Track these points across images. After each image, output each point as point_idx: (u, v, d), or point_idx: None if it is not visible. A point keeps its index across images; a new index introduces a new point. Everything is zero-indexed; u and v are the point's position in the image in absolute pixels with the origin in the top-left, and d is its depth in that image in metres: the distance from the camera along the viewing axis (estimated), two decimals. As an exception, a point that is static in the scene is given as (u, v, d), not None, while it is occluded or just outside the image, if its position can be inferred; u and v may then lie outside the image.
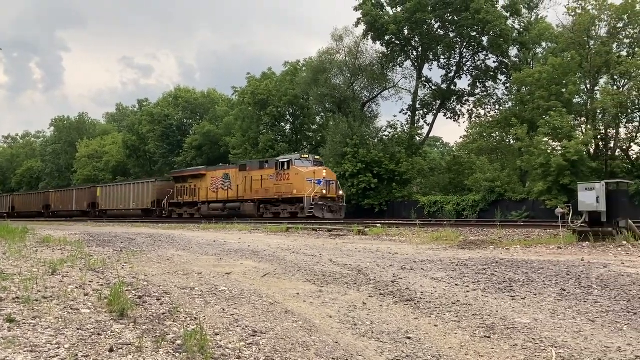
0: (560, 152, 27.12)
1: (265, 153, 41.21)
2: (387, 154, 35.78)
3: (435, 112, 41.77)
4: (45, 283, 5.78)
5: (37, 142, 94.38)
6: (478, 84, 39.96)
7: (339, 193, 28.57)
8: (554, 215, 12.47)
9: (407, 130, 40.04)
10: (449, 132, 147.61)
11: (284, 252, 10.17)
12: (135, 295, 5.32)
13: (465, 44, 39.02)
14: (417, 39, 39.41)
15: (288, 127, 48.00)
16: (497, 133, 37.38)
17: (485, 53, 38.56)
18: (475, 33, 37.14)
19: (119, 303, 4.59)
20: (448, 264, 7.91)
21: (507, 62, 37.70)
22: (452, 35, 38.47)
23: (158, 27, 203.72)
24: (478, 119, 40.18)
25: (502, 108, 38.37)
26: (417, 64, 40.74)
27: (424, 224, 17.69)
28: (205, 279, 6.69)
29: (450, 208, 31.41)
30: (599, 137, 30.27)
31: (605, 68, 29.75)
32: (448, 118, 41.81)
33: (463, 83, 53.44)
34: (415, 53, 40.64)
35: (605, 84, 30.38)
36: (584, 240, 10.18)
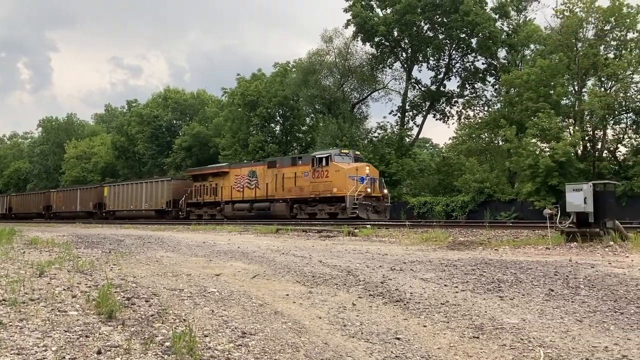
0: (549, 153, 27.34)
1: (255, 154, 41.16)
2: (376, 155, 35.88)
3: (425, 113, 42.02)
4: (33, 285, 5.73)
5: (24, 143, 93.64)
6: (467, 86, 40.25)
7: (384, 192, 26.13)
8: (543, 216, 12.55)
9: (396, 132, 40.18)
10: (439, 133, 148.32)
11: (274, 253, 10.15)
12: (124, 297, 5.30)
13: (455, 46, 39.26)
14: (406, 41, 39.60)
15: (278, 128, 47.99)
16: (486, 134, 37.61)
17: (474, 55, 38.85)
18: (464, 35, 37.38)
19: (107, 305, 4.56)
20: (437, 265, 7.93)
21: (495, 63, 37.99)
22: (441, 37, 38.67)
23: (148, 27, 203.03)
24: (467, 121, 40.47)
25: (490, 109, 38.67)
26: (406, 66, 40.93)
27: (414, 225, 17.73)
28: (195, 281, 6.66)
29: (440, 209, 31.55)
30: (587, 138, 30.54)
31: (593, 70, 30.05)
32: (437, 119, 42.18)
33: (452, 84, 53.60)
34: (405, 54, 40.83)
35: (593, 86, 30.68)
36: (572, 241, 10.24)
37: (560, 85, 29.90)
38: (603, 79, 30.50)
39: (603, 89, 30.08)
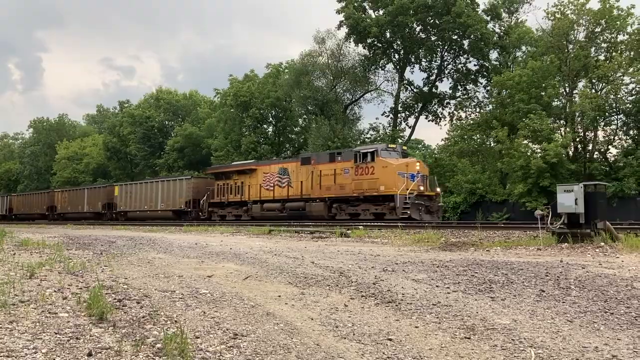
0: (540, 154, 27.48)
1: (248, 155, 41.07)
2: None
3: (417, 114, 42.15)
4: (23, 287, 5.70)
5: (15, 143, 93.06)
6: (459, 87, 40.38)
7: (437, 190, 24.19)
8: (534, 217, 12.61)
9: (389, 133, 40.23)
10: (431, 134, 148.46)
11: (266, 254, 10.15)
12: (115, 299, 5.28)
13: (447, 47, 39.39)
14: (399, 42, 39.69)
15: (270, 129, 47.94)
16: (477, 135, 37.70)
17: (466, 56, 38.98)
18: (457, 36, 37.52)
19: (98, 306, 4.54)
20: (429, 266, 7.95)
21: (487, 65, 38.16)
22: (433, 39, 38.78)
23: (141, 28, 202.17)
24: (459, 122, 40.53)
25: (482, 111, 38.78)
26: (399, 67, 41.01)
27: (406, 226, 17.77)
28: (186, 282, 6.64)
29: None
30: (578, 139, 30.72)
31: (584, 72, 30.24)
32: (430, 120, 42.29)
33: (444, 86, 54.00)
34: (397, 56, 40.92)
35: (584, 88, 30.84)
36: (563, 242, 10.30)
37: (552, 87, 30.09)
38: (594, 81, 30.70)
39: (594, 91, 30.27)
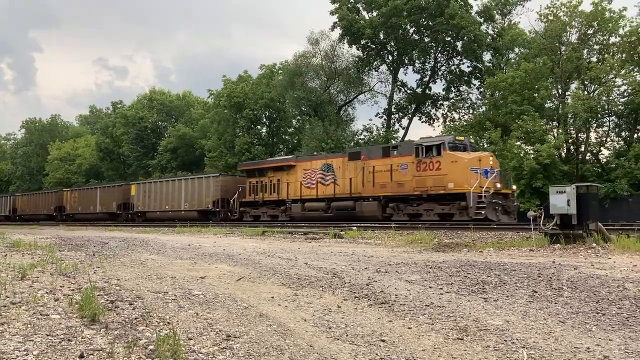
0: (533, 155, 27.61)
1: (242, 156, 41.02)
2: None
3: (411, 115, 42.29)
4: (14, 288, 5.67)
5: (7, 144, 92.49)
6: (452, 89, 40.53)
7: (513, 188, 21.88)
8: (527, 218, 12.67)
9: (382, 134, 40.28)
10: (424, 135, 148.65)
11: (260, 255, 10.13)
12: (107, 300, 5.25)
13: (440, 49, 39.51)
14: (392, 44, 39.77)
15: (264, 130, 47.91)
16: (471, 137, 37.78)
17: (460, 58, 39.14)
18: (450, 38, 37.64)
19: (90, 308, 4.52)
20: (422, 267, 7.97)
21: (480, 67, 38.29)
22: (427, 40, 38.89)
23: (134, 28, 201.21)
24: (452, 123, 40.60)
25: (475, 112, 38.88)
26: (392, 68, 41.12)
27: (399, 227, 17.79)
28: (179, 283, 6.62)
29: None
30: (570, 141, 30.89)
31: (576, 73, 30.45)
32: (423, 122, 42.46)
33: (438, 87, 53.99)
34: (391, 57, 41.01)
35: (576, 89, 31.04)
36: (555, 243, 10.35)
37: (544, 89, 30.26)
38: (586, 83, 30.92)
39: (586, 92, 30.48)
